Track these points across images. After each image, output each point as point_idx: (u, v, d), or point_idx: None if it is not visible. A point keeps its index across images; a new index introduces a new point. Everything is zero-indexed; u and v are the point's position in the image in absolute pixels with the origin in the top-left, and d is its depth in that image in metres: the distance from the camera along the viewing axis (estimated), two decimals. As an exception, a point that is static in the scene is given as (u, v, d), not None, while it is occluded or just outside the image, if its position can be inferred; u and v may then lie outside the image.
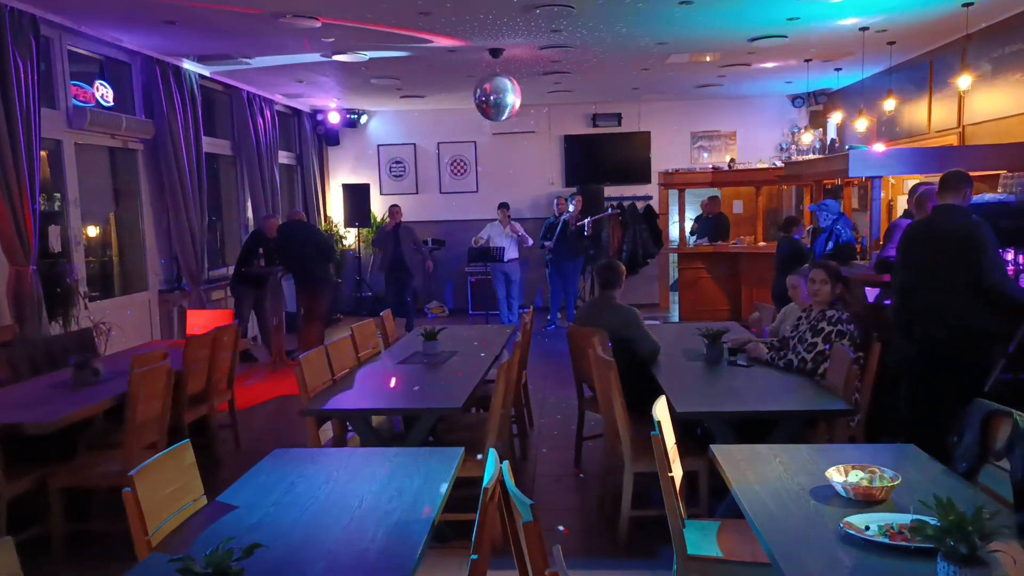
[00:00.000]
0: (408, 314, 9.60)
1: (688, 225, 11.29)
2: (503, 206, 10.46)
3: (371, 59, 7.96)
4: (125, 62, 7.46)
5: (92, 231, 7.30)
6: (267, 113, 10.02)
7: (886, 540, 2.03)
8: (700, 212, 11.25)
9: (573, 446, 5.19)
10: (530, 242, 10.42)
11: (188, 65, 8.05)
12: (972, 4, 6.36)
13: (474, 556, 2.15)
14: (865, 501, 2.32)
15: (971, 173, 6.93)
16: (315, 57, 7.85)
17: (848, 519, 2.15)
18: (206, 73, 8.55)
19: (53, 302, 5.95)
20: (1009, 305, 4.09)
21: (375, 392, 4.25)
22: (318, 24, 6.37)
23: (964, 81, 6.76)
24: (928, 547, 1.88)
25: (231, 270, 8.82)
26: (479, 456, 3.48)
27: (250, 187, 9.67)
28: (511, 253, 10.28)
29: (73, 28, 6.42)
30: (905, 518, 2.12)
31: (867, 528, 2.09)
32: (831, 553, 2.04)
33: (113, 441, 4.23)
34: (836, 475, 2.42)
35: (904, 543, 2.00)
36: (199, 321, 6.19)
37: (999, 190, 6.41)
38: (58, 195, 6.53)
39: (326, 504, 2.47)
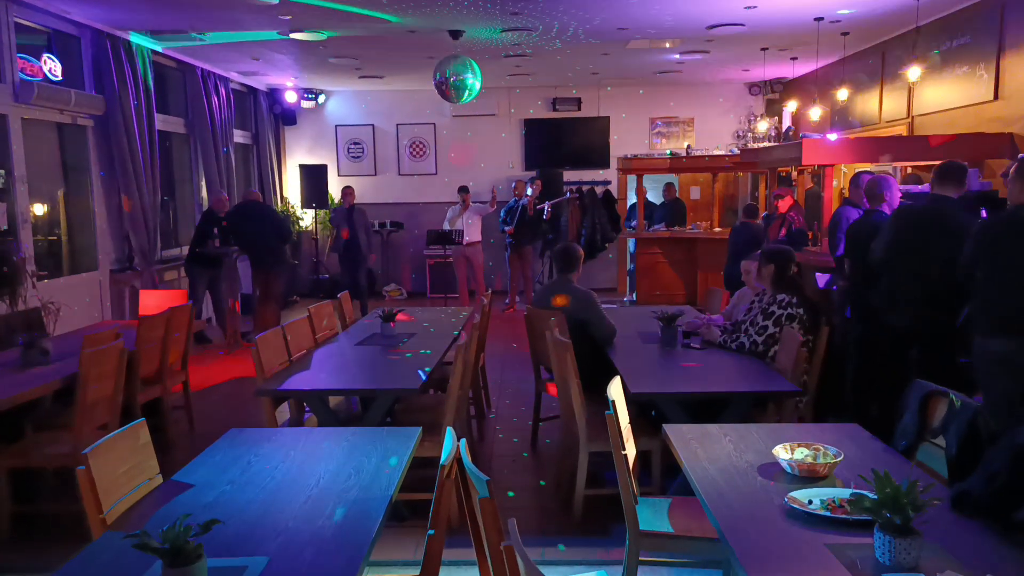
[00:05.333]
0: (362, 297, 9.48)
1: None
2: (463, 190, 10.43)
3: (330, 38, 7.86)
4: (74, 35, 7.25)
5: (40, 209, 7.11)
6: (222, 91, 9.84)
7: (827, 513, 2.11)
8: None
9: (530, 427, 5.26)
10: (490, 209, 10.35)
11: (140, 40, 7.86)
12: (922, -3, 6.53)
13: (431, 531, 2.18)
14: (809, 477, 2.41)
15: (918, 163, 7.15)
16: (272, 35, 7.72)
17: (792, 494, 2.24)
18: (159, 49, 8.35)
19: (-1, 281, 5.80)
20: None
21: (332, 373, 4.24)
22: (275, 0, 6.26)
23: (913, 72, 6.93)
24: (866, 519, 1.97)
25: (184, 250, 8.67)
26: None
27: (204, 166, 9.50)
28: (473, 236, 10.25)
29: (19, -2, 6.23)
30: (845, 492, 2.22)
31: (810, 502, 2.18)
32: (776, 526, 2.11)
33: (62, 422, 4.16)
34: (782, 452, 2.50)
35: (844, 516, 2.09)
36: (152, 301, 6.10)
37: (944, 179, 6.60)
38: (2, 172, 6.34)
39: (283, 482, 2.47)
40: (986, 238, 3.70)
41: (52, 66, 6.87)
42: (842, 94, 8.23)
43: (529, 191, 10.20)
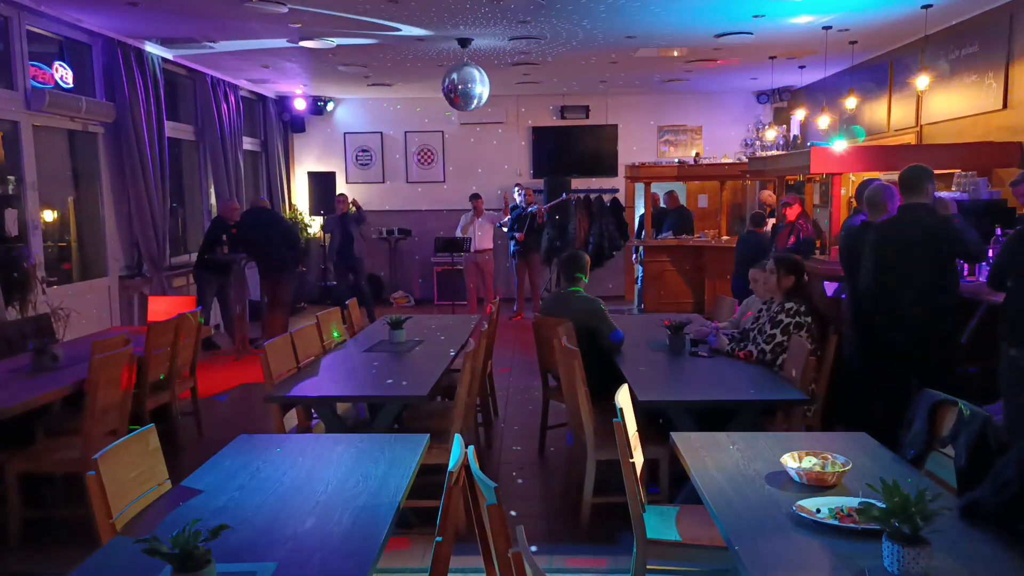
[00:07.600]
0: (368, 304, 9.45)
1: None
2: (475, 197, 10.43)
3: (339, 46, 7.90)
4: (86, 43, 7.32)
5: (50, 215, 7.15)
6: (231, 98, 9.90)
7: (836, 522, 2.11)
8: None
9: (537, 435, 5.25)
10: (504, 217, 10.42)
11: (151, 48, 7.92)
12: (931, 6, 6.52)
13: (438, 538, 2.19)
14: (817, 486, 2.40)
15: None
16: (281, 43, 7.77)
17: (800, 502, 2.23)
18: (169, 56, 8.41)
19: (10, 287, 5.84)
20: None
21: (340, 379, 4.25)
22: (285, 9, 6.31)
23: (922, 81, 6.93)
24: (874, 528, 1.96)
25: (193, 257, 8.71)
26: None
27: (213, 173, 9.55)
28: (484, 243, 10.25)
29: (32, 7, 6.29)
30: (854, 501, 2.21)
31: (818, 511, 2.17)
32: (784, 535, 2.11)
33: (72, 427, 4.18)
34: (790, 461, 2.50)
35: (852, 525, 2.09)
36: (161, 307, 6.12)
37: (953, 188, 6.60)
38: (12, 178, 6.38)
39: (292, 488, 2.48)
40: (1019, 246, 3.66)
41: (63, 73, 6.93)
42: (850, 103, 8.23)
43: (517, 197, 10.26)
